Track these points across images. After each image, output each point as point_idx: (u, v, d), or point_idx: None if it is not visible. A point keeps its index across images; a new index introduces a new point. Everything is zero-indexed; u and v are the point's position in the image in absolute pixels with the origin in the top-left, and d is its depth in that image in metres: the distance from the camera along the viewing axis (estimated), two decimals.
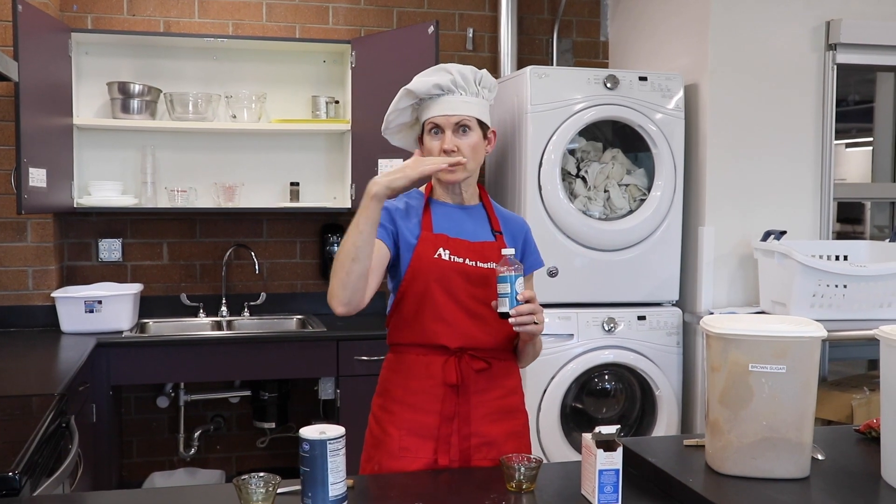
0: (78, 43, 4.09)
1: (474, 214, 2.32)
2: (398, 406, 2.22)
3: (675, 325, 3.89)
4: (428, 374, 2.20)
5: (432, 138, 2.23)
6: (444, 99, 2.21)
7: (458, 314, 2.19)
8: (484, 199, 2.36)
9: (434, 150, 2.21)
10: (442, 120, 2.20)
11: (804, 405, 1.84)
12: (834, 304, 3.56)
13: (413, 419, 2.19)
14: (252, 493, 1.73)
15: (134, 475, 4.37)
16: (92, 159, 4.21)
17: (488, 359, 2.23)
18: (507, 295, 2.06)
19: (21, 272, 3.99)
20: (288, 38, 4.35)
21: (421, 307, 2.20)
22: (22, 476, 1.95)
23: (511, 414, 2.29)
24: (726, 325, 1.87)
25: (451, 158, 2.13)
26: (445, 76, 2.20)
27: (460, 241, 2.24)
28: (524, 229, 2.38)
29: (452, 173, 2.21)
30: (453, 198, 2.31)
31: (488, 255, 2.24)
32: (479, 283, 2.20)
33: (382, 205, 2.06)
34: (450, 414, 2.19)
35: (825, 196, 3.99)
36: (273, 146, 4.44)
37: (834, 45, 3.92)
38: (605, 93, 3.81)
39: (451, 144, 2.19)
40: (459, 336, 2.20)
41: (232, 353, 3.86)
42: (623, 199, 3.91)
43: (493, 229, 2.31)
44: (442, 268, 2.19)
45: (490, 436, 2.23)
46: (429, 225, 2.24)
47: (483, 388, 2.22)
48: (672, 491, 1.86)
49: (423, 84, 2.21)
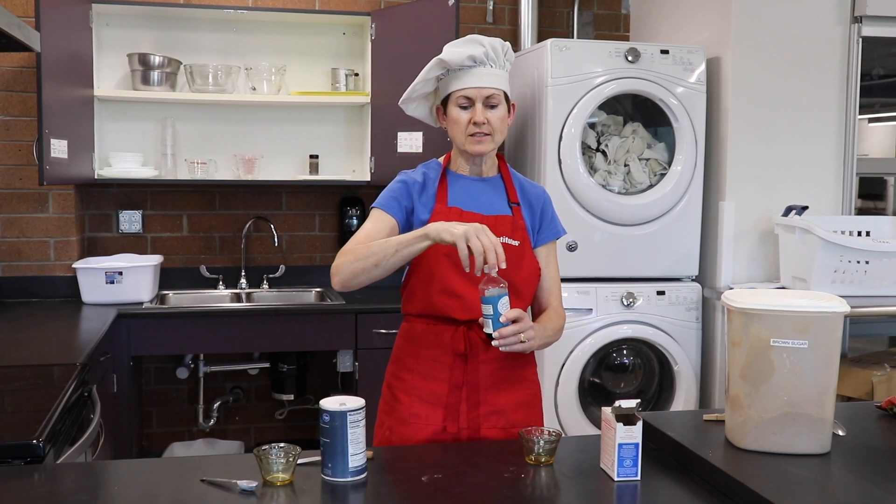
0: (99, 14, 4.08)
1: (491, 186, 2.31)
2: (409, 374, 2.25)
3: (694, 300, 3.88)
4: (437, 343, 2.22)
5: (461, 110, 2.22)
6: (475, 71, 2.20)
7: (467, 288, 2.19)
8: (503, 170, 2.35)
9: (462, 122, 2.21)
10: (473, 92, 2.20)
11: (825, 381, 1.83)
12: (855, 280, 3.54)
13: (423, 387, 2.22)
14: (272, 464, 1.75)
15: (154, 445, 4.42)
16: (112, 131, 4.22)
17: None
18: (491, 317, 2.04)
19: (43, 243, 4.02)
20: (308, 10, 4.33)
21: (431, 280, 2.21)
22: (45, 444, 1.97)
23: (520, 383, 2.29)
24: (748, 299, 1.86)
25: (495, 260, 1.97)
26: (479, 48, 2.19)
27: (474, 215, 2.23)
28: (542, 198, 2.37)
29: (480, 143, 2.21)
30: (472, 169, 2.30)
31: (501, 228, 2.23)
32: None
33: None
34: (458, 382, 2.21)
35: (848, 171, 3.95)
36: (292, 119, 4.43)
37: (859, 17, 3.86)
38: (626, 66, 3.78)
39: (482, 116, 2.19)
40: (468, 308, 2.20)
41: (251, 326, 3.88)
42: (643, 174, 3.89)
43: (511, 201, 2.30)
44: None
45: (499, 405, 2.24)
46: (444, 198, 2.24)
47: (492, 358, 2.23)
48: (691, 465, 1.86)
49: (457, 55, 2.19)
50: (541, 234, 2.34)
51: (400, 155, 4.08)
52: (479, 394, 2.22)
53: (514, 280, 2.21)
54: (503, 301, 2.04)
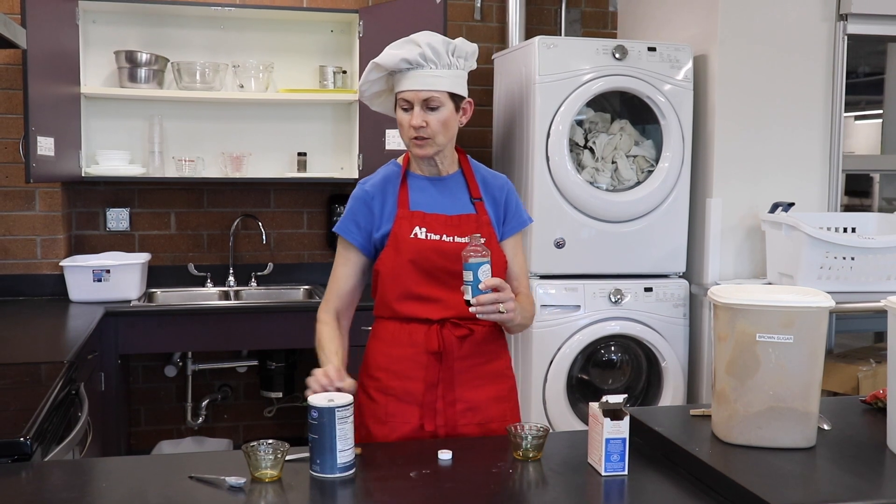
0: (85, 11, 4.07)
1: (452, 184, 2.29)
2: (383, 373, 2.25)
3: (681, 296, 3.90)
4: (411, 342, 2.22)
5: (403, 112, 2.19)
6: (412, 73, 2.16)
7: (438, 290, 2.20)
8: (463, 165, 2.32)
9: (405, 124, 2.19)
10: (410, 95, 2.16)
11: (811, 375, 1.84)
12: (841, 276, 3.55)
13: (398, 386, 2.21)
14: (261, 460, 1.75)
15: (142, 443, 4.40)
16: (99, 128, 4.21)
17: (470, 326, 2.23)
18: (470, 283, 2.04)
19: (29, 241, 4.00)
20: (295, 8, 4.32)
21: (398, 287, 2.21)
22: (33, 442, 1.97)
23: (496, 379, 2.29)
24: (734, 294, 1.87)
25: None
26: (413, 50, 2.14)
27: (437, 217, 2.22)
28: (505, 189, 2.34)
29: (422, 147, 2.19)
30: (430, 170, 2.28)
31: (466, 228, 2.22)
32: (457, 259, 2.17)
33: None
34: (434, 380, 2.21)
35: (834, 168, 3.98)
36: (280, 116, 4.43)
37: (845, 14, 3.89)
38: (614, 63, 3.79)
39: (420, 120, 2.15)
40: (439, 310, 2.21)
41: (239, 323, 3.87)
42: (631, 171, 3.90)
43: (473, 197, 2.28)
44: (419, 247, 2.19)
45: (475, 401, 2.24)
46: (405, 202, 2.23)
47: (466, 354, 2.23)
48: (678, 460, 1.87)
49: (391, 58, 2.16)
50: (507, 226, 2.32)
51: (388, 152, 4.08)
52: (455, 391, 2.22)
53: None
54: (484, 268, 2.04)
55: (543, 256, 3.81)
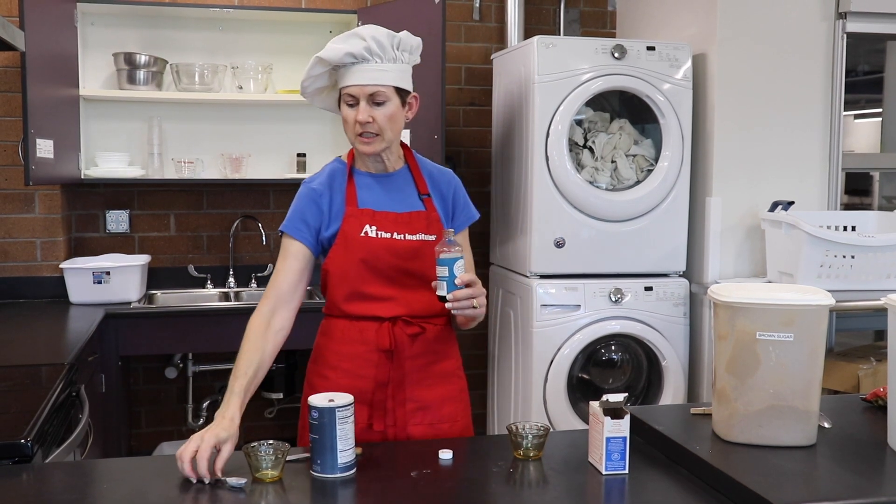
0: (84, 13, 4.07)
1: (399, 181, 2.27)
2: (332, 372, 2.22)
3: (681, 295, 3.89)
4: (362, 340, 2.20)
5: (348, 108, 2.16)
6: (357, 67, 2.12)
7: (389, 289, 2.18)
8: (409, 161, 2.30)
9: (350, 120, 2.16)
10: (355, 90, 2.13)
11: (811, 373, 1.84)
12: (841, 274, 3.55)
13: (348, 385, 2.13)
14: (261, 460, 1.75)
15: (143, 445, 4.40)
16: (98, 130, 4.21)
17: (422, 324, 2.21)
18: (445, 279, 2.03)
19: (29, 243, 4.00)
20: (294, 9, 4.32)
21: (349, 286, 2.19)
22: (34, 443, 1.97)
23: (446, 378, 2.27)
24: (734, 293, 1.87)
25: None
26: (358, 43, 2.11)
27: (387, 214, 2.20)
28: (452, 184, 2.32)
29: (369, 144, 2.16)
30: (376, 166, 2.25)
31: (416, 225, 2.21)
32: (410, 257, 2.18)
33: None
34: (384, 379, 2.19)
35: (833, 166, 3.98)
36: (279, 117, 4.43)
37: (844, 13, 3.88)
38: (613, 63, 3.79)
39: (366, 116, 2.12)
40: (391, 308, 2.19)
41: (240, 324, 3.81)
42: (630, 170, 3.90)
43: (421, 193, 2.26)
44: (369, 246, 2.17)
45: (425, 401, 2.22)
46: (353, 200, 2.20)
47: (417, 353, 2.21)
48: (679, 458, 1.87)
49: (335, 52, 2.12)
50: (455, 221, 2.30)
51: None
52: (406, 390, 2.20)
53: (432, 275, 2.18)
54: (459, 264, 2.03)
55: (543, 256, 3.81)
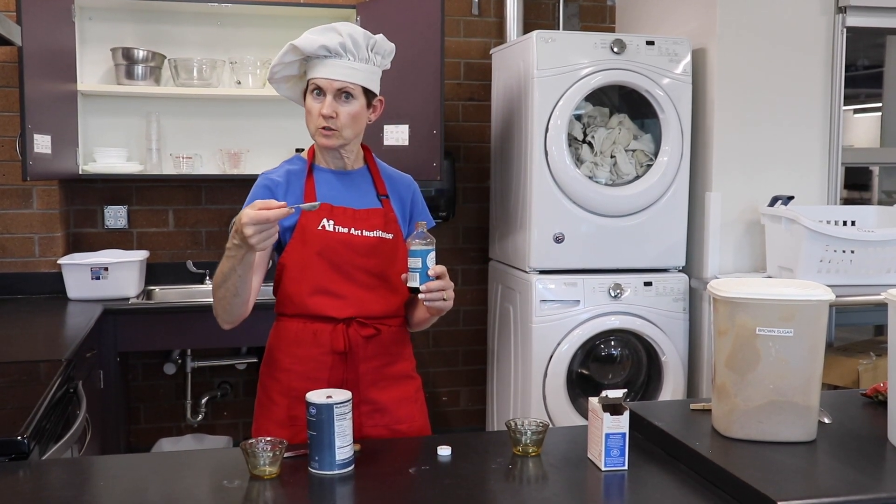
0: (81, 8, 4.06)
1: (358, 179, 2.26)
2: (285, 374, 2.19)
3: (681, 290, 3.89)
4: (315, 342, 2.17)
5: (314, 99, 2.15)
6: (329, 61, 2.11)
7: (345, 286, 2.16)
8: (369, 162, 2.30)
9: (314, 112, 2.14)
10: (324, 83, 2.12)
11: (811, 369, 1.84)
12: (841, 269, 3.55)
13: (301, 387, 2.07)
14: (259, 457, 1.74)
15: (141, 441, 4.40)
16: (96, 126, 4.20)
17: (377, 325, 2.20)
18: (419, 270, 2.02)
19: (27, 239, 3.99)
20: (292, 3, 4.31)
21: (305, 281, 2.16)
22: (30, 440, 1.96)
23: (401, 380, 2.26)
24: (733, 288, 1.87)
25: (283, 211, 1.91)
26: (334, 38, 2.10)
27: (345, 210, 2.19)
28: (411, 188, 2.33)
29: (327, 138, 2.15)
30: (335, 163, 2.24)
31: (374, 222, 2.20)
32: (366, 253, 2.17)
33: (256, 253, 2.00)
34: (338, 382, 2.16)
35: (833, 161, 3.97)
36: (278, 112, 4.41)
37: (844, 7, 3.87)
38: (612, 57, 3.78)
39: (331, 110, 2.11)
40: (346, 307, 2.17)
41: None
42: (629, 165, 3.89)
43: (379, 193, 2.26)
44: (326, 239, 2.15)
45: (380, 402, 2.21)
46: (312, 194, 2.18)
47: (371, 355, 2.19)
48: (678, 454, 1.86)
49: (310, 43, 2.11)
50: (412, 225, 2.30)
51: (386, 148, 4.07)
52: (361, 392, 2.18)
53: (388, 274, 2.19)
54: (431, 256, 2.03)
55: (542, 251, 3.81)
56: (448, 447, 1.90)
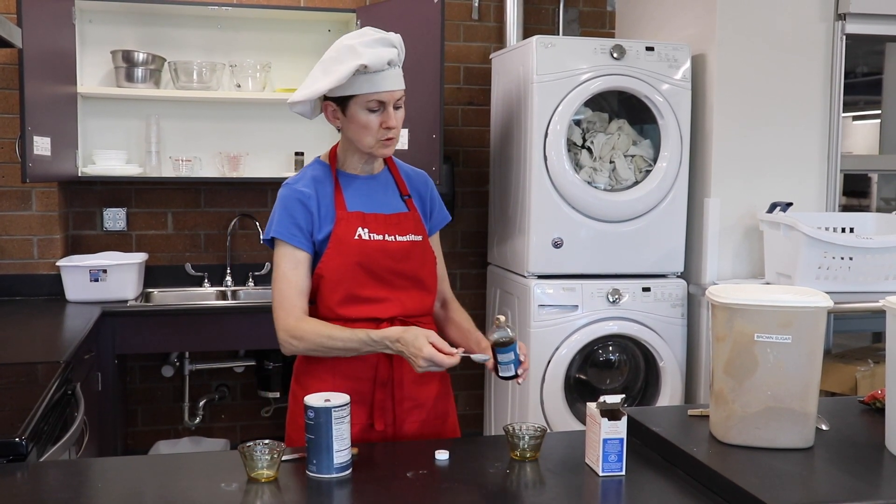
0: (82, 10, 4.06)
1: (383, 182, 2.27)
2: (329, 374, 2.19)
3: (679, 296, 3.89)
4: None
5: (370, 114, 2.11)
6: (385, 74, 2.10)
7: (383, 291, 2.18)
8: (389, 163, 2.31)
9: (373, 125, 2.12)
10: (387, 96, 2.11)
11: (809, 375, 1.84)
12: (839, 276, 3.55)
13: (346, 386, 2.10)
14: (257, 460, 1.74)
15: (139, 444, 4.40)
16: (96, 128, 4.20)
17: (415, 323, 2.20)
18: (512, 361, 2.05)
19: (26, 241, 3.99)
20: (293, 7, 4.32)
21: (344, 289, 2.16)
22: (28, 442, 1.96)
23: (437, 375, 2.27)
24: (732, 294, 1.87)
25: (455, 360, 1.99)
26: (393, 51, 2.10)
27: (377, 216, 2.20)
28: (428, 185, 2.34)
29: (388, 147, 2.16)
30: (364, 168, 2.24)
31: (406, 226, 2.22)
32: (402, 258, 2.18)
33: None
34: (384, 380, 2.18)
35: (832, 168, 3.97)
36: (277, 116, 4.42)
37: (843, 14, 3.88)
38: (612, 63, 3.78)
39: (394, 121, 2.13)
40: (386, 310, 2.18)
41: (236, 323, 3.87)
42: (628, 170, 3.90)
43: (402, 194, 2.28)
44: (364, 248, 2.15)
45: (420, 398, 2.23)
46: (342, 203, 2.18)
47: None
48: (676, 460, 1.86)
49: (378, 58, 2.08)
50: (432, 221, 2.32)
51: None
52: (404, 389, 2.20)
53: (421, 275, 2.21)
54: (517, 344, 2.06)
55: (541, 256, 3.81)
56: (446, 451, 1.90)
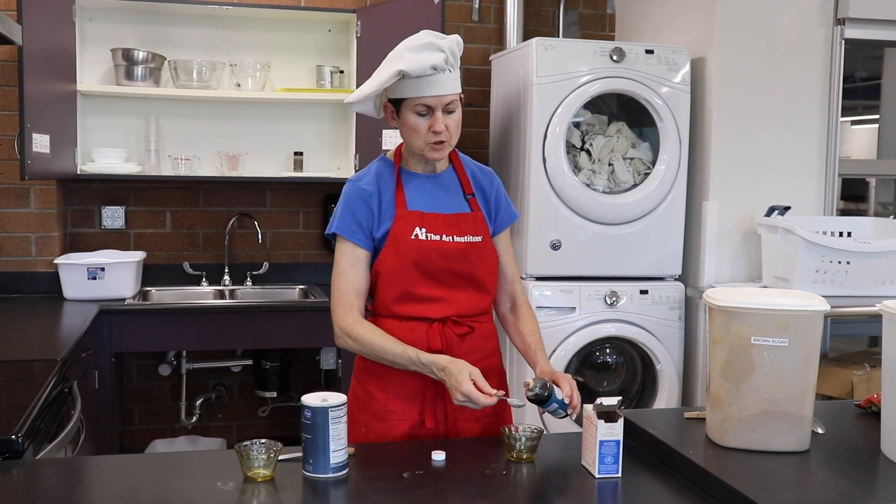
0: (82, 8, 4.06)
1: (446, 181, 2.28)
2: (384, 370, 2.20)
3: (677, 299, 3.89)
4: (413, 340, 2.18)
5: (419, 117, 2.13)
6: (435, 78, 2.11)
7: (438, 290, 2.19)
8: (454, 161, 2.31)
9: (421, 129, 2.13)
10: (434, 101, 2.12)
11: (805, 379, 1.84)
12: (837, 280, 3.56)
13: (399, 383, 2.17)
14: (254, 459, 1.74)
15: (136, 442, 4.39)
16: (95, 126, 4.20)
17: (470, 324, 2.23)
18: (559, 407, 2.09)
19: (24, 238, 3.99)
20: (293, 7, 4.32)
21: (399, 287, 2.18)
22: (24, 439, 1.96)
23: (490, 374, 2.26)
24: (729, 297, 1.87)
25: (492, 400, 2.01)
26: (439, 56, 2.10)
27: (436, 216, 2.20)
28: (495, 183, 2.34)
29: (439, 151, 2.16)
30: (425, 167, 2.26)
31: (464, 227, 2.22)
32: (458, 259, 2.19)
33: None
34: (435, 380, 2.17)
35: (830, 172, 3.98)
36: (277, 115, 4.42)
37: (842, 19, 3.89)
38: (611, 66, 3.78)
39: (442, 126, 2.12)
40: (440, 309, 2.20)
41: (234, 322, 3.87)
42: (627, 173, 3.90)
43: (466, 193, 2.27)
44: (420, 248, 2.17)
45: None
46: (402, 202, 2.20)
47: (466, 352, 2.21)
48: (672, 463, 1.86)
49: (419, 64, 2.08)
50: (498, 221, 2.32)
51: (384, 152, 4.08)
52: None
53: (478, 275, 2.21)
54: (556, 391, 2.08)
55: (539, 258, 3.81)
56: (442, 452, 1.90)
